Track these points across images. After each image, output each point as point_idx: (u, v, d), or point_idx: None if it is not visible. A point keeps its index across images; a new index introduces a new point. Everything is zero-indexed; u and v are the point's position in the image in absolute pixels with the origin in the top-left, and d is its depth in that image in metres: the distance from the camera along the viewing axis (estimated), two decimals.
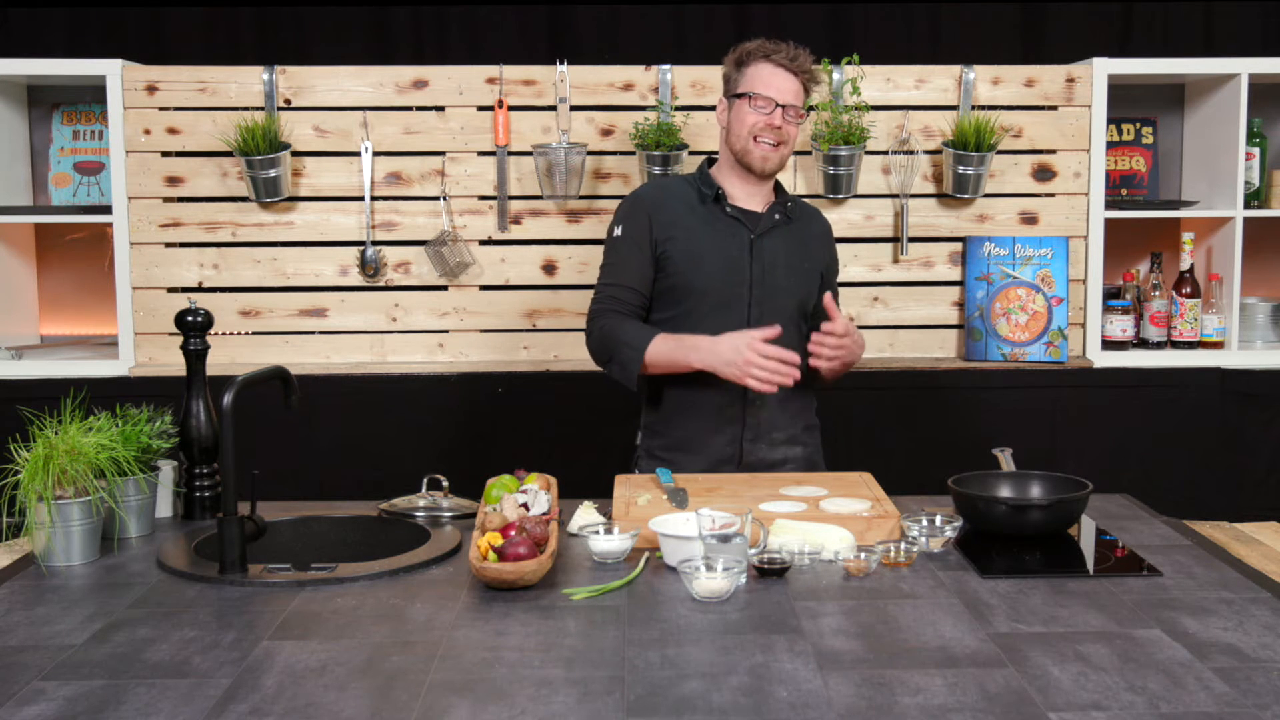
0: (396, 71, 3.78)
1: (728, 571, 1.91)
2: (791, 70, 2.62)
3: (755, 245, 2.66)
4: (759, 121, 2.61)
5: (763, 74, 2.62)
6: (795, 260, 2.70)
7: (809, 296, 2.73)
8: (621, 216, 2.72)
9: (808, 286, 2.73)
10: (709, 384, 2.64)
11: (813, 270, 2.74)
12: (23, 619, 1.87)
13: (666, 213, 2.69)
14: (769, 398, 2.65)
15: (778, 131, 2.62)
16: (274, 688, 1.59)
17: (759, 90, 2.61)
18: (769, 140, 2.62)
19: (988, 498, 2.29)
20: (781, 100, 2.61)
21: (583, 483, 2.58)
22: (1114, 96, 3.88)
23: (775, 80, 2.62)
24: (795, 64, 2.63)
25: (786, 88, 2.62)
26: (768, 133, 2.61)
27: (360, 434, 3.69)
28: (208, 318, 2.46)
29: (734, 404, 2.66)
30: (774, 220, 2.70)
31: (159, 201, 3.75)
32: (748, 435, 2.68)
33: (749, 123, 2.62)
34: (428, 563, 2.10)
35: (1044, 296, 3.76)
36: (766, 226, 2.68)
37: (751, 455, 2.69)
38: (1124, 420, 3.77)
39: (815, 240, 2.78)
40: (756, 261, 2.66)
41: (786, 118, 2.62)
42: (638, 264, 2.67)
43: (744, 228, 2.67)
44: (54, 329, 4.10)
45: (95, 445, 2.18)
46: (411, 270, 3.80)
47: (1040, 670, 1.63)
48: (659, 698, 1.55)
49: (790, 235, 2.72)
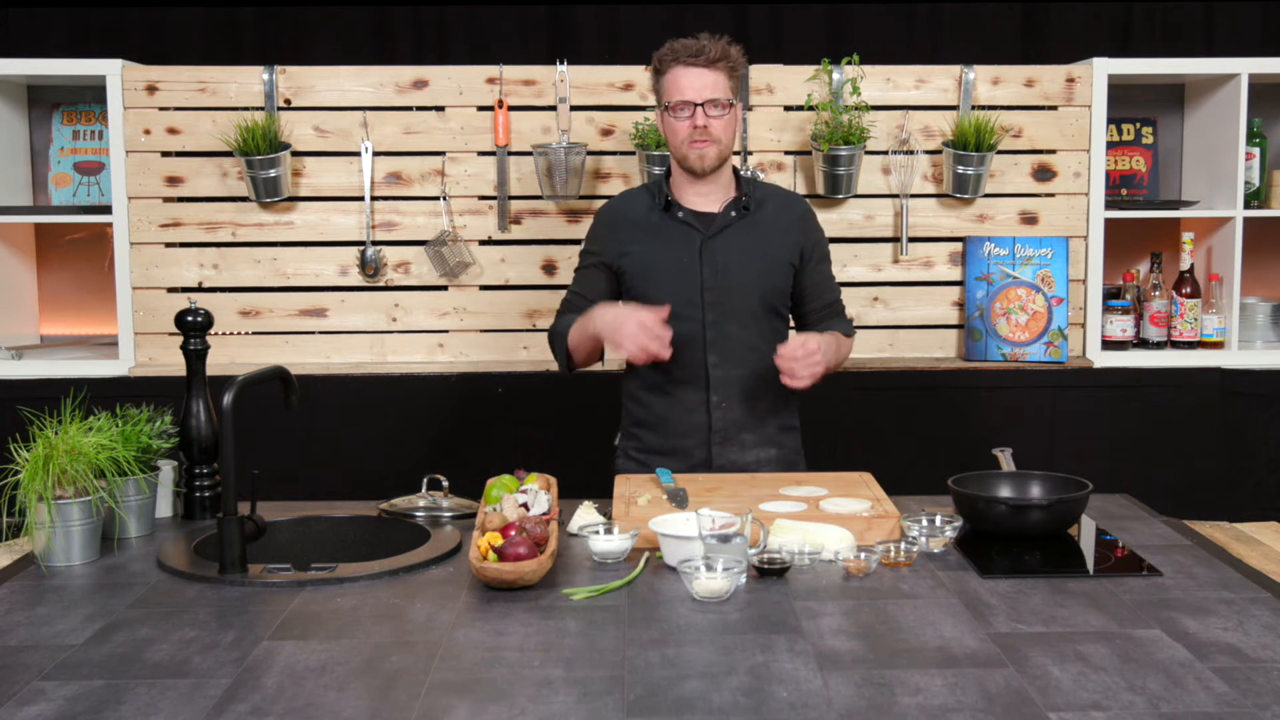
0: (396, 71, 3.78)
1: (728, 571, 1.91)
2: (702, 65, 2.58)
3: (706, 247, 2.66)
4: (684, 127, 2.60)
5: (676, 79, 2.60)
6: (754, 255, 2.67)
7: (775, 288, 2.70)
8: (589, 232, 2.79)
9: (772, 279, 2.69)
10: (675, 388, 2.66)
11: (779, 260, 2.70)
12: (23, 619, 1.87)
13: (623, 227, 2.72)
14: (734, 399, 2.67)
15: (704, 131, 2.59)
16: (274, 688, 1.59)
17: (674, 98, 2.59)
18: (699, 140, 2.60)
19: (988, 498, 2.29)
20: (699, 99, 2.58)
21: (583, 483, 2.58)
22: (1114, 96, 3.88)
23: (688, 81, 2.59)
24: (703, 57, 2.58)
25: (702, 85, 2.58)
26: (696, 134, 2.60)
27: (360, 434, 3.69)
28: (208, 318, 2.46)
29: (698, 408, 2.67)
30: (729, 218, 2.68)
31: (159, 201, 3.75)
32: (715, 439, 2.68)
33: (678, 131, 2.61)
34: (428, 563, 2.10)
35: (1044, 296, 3.76)
36: (720, 226, 2.68)
37: (722, 458, 2.69)
38: (1124, 420, 3.77)
39: (783, 229, 2.72)
40: (707, 265, 2.65)
41: (710, 114, 2.59)
42: (594, 278, 2.74)
43: (695, 231, 2.67)
44: (54, 329, 4.10)
45: (95, 445, 2.18)
46: (411, 270, 3.80)
47: (1040, 670, 1.63)
48: (659, 698, 1.55)
49: (749, 230, 2.69)
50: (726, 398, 2.67)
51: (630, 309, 2.51)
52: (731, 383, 2.67)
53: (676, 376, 2.67)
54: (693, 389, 2.67)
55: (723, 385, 2.67)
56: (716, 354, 2.66)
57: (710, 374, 2.66)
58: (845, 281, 3.82)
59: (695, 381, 2.67)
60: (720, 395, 2.67)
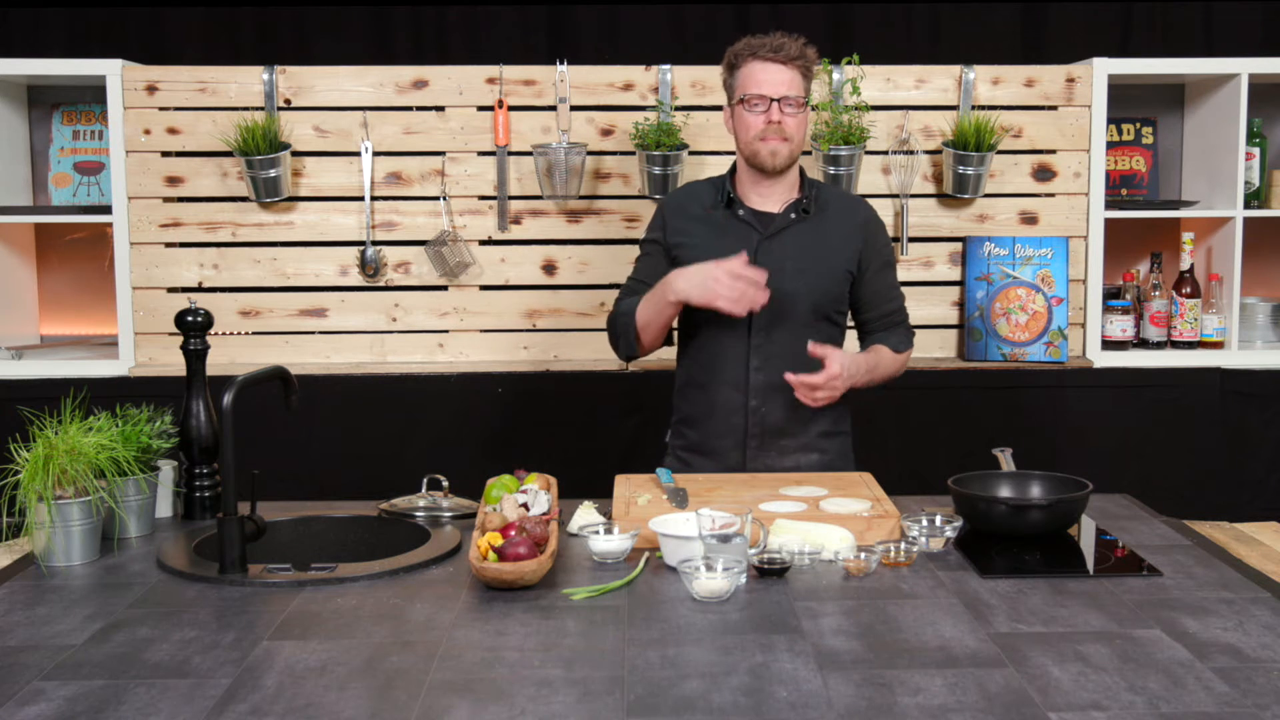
0: (396, 71, 3.78)
1: (728, 571, 1.91)
2: (780, 61, 2.58)
3: (762, 248, 2.64)
4: (758, 121, 2.59)
5: (753, 73, 2.60)
6: (810, 259, 2.65)
7: (829, 295, 2.67)
8: (650, 222, 2.80)
9: (826, 284, 2.66)
10: (716, 388, 2.64)
11: (835, 266, 2.68)
12: (23, 619, 1.87)
13: (682, 219, 2.71)
14: (774, 403, 2.64)
15: (779, 127, 2.59)
16: (274, 688, 1.59)
17: (750, 91, 2.59)
18: (774, 137, 2.60)
19: (988, 498, 2.29)
20: (775, 94, 2.58)
21: (583, 483, 2.58)
22: (1114, 96, 3.88)
23: (766, 75, 2.59)
24: (782, 54, 2.58)
25: (779, 80, 2.58)
26: (770, 129, 2.59)
27: (360, 434, 3.69)
28: (208, 318, 2.46)
29: (736, 411, 2.65)
30: (789, 220, 2.67)
31: (159, 201, 3.75)
32: (751, 442, 2.67)
33: (750, 126, 2.60)
34: (428, 563, 2.11)
35: (1044, 296, 3.76)
36: (779, 227, 2.66)
37: (757, 462, 2.67)
38: (1124, 420, 3.77)
39: (844, 233, 2.70)
40: (761, 265, 2.63)
41: (785, 110, 2.58)
42: (654, 265, 2.72)
43: (754, 230, 2.66)
44: (54, 329, 4.10)
45: (95, 445, 2.18)
46: (411, 270, 3.80)
47: (1040, 670, 1.63)
48: (659, 698, 1.55)
49: (808, 233, 2.67)
50: (766, 401, 2.64)
51: (711, 263, 2.48)
52: (774, 388, 2.62)
53: (719, 376, 2.65)
54: (732, 390, 2.64)
55: (763, 389, 2.64)
56: (760, 357, 2.63)
57: (751, 377, 2.64)
58: None
59: (736, 383, 2.64)
60: (759, 399, 2.64)
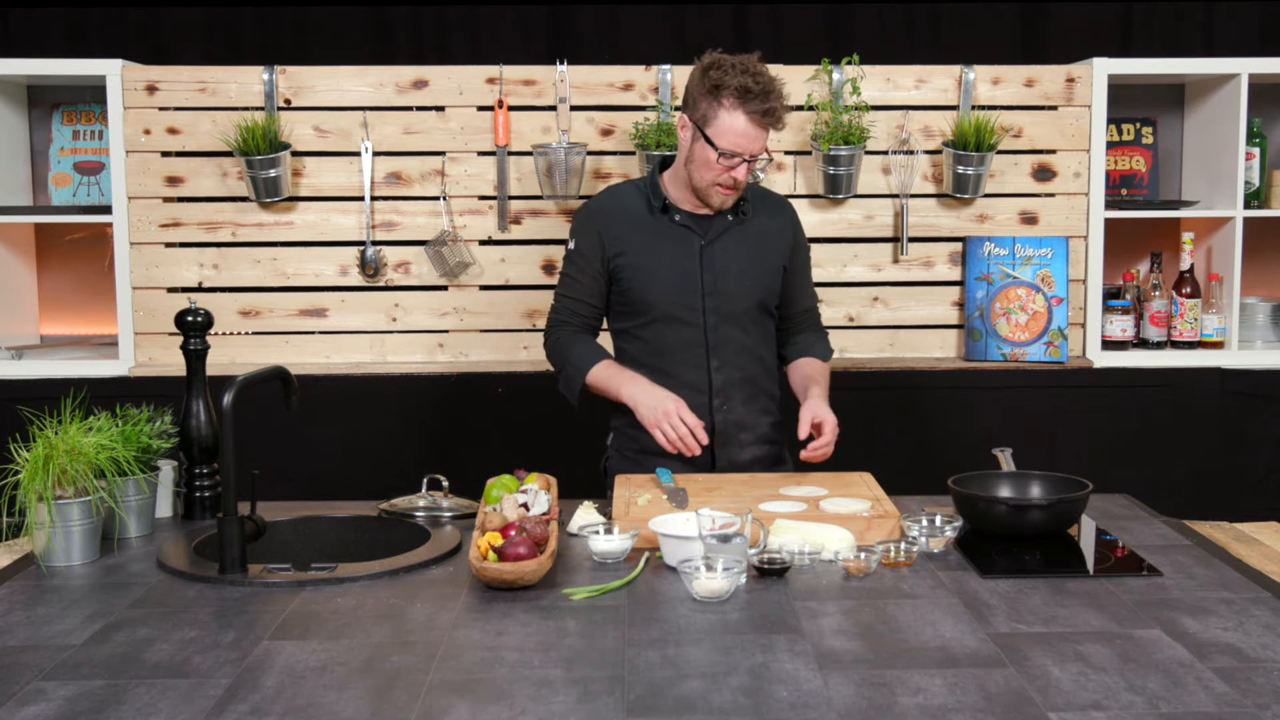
0: (396, 71, 3.78)
1: (728, 571, 1.91)
2: (764, 125, 2.54)
3: (705, 253, 2.66)
4: (722, 174, 2.57)
5: (736, 127, 2.52)
6: (750, 261, 2.69)
7: (769, 290, 2.72)
8: (575, 229, 2.74)
9: (766, 283, 2.72)
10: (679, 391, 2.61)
11: (773, 263, 2.73)
12: (23, 619, 1.87)
13: (617, 226, 2.69)
14: (734, 400, 2.69)
15: (739, 182, 2.58)
16: (274, 688, 1.59)
17: (727, 146, 2.53)
18: (730, 189, 2.59)
19: (988, 498, 2.29)
20: (749, 154, 2.55)
21: (583, 483, 2.58)
22: (1114, 96, 3.88)
23: (749, 134, 2.53)
24: (768, 118, 2.53)
25: (757, 140, 2.55)
26: (730, 183, 2.58)
27: (360, 434, 3.69)
28: (208, 318, 2.46)
29: (701, 411, 2.64)
30: (726, 223, 2.68)
31: (159, 201, 3.75)
32: (718, 440, 2.68)
33: (713, 171, 2.57)
34: (428, 563, 2.11)
35: (1044, 296, 3.76)
36: (718, 231, 2.67)
37: (723, 459, 2.69)
38: (1124, 420, 3.77)
39: (776, 230, 2.74)
40: (708, 270, 2.65)
41: (749, 167, 2.58)
42: (589, 279, 2.71)
43: (694, 235, 2.67)
44: (54, 329, 4.09)
45: (95, 445, 2.18)
46: (411, 270, 3.80)
47: (1040, 670, 1.63)
48: (659, 698, 1.55)
49: (744, 235, 2.69)
50: (727, 399, 2.69)
51: (673, 396, 2.54)
52: (731, 385, 2.69)
53: (679, 380, 2.66)
54: (695, 392, 2.66)
55: (724, 388, 2.68)
56: (718, 358, 2.67)
57: (712, 377, 2.67)
58: (845, 281, 3.82)
59: (698, 385, 2.67)
60: (721, 398, 2.68)
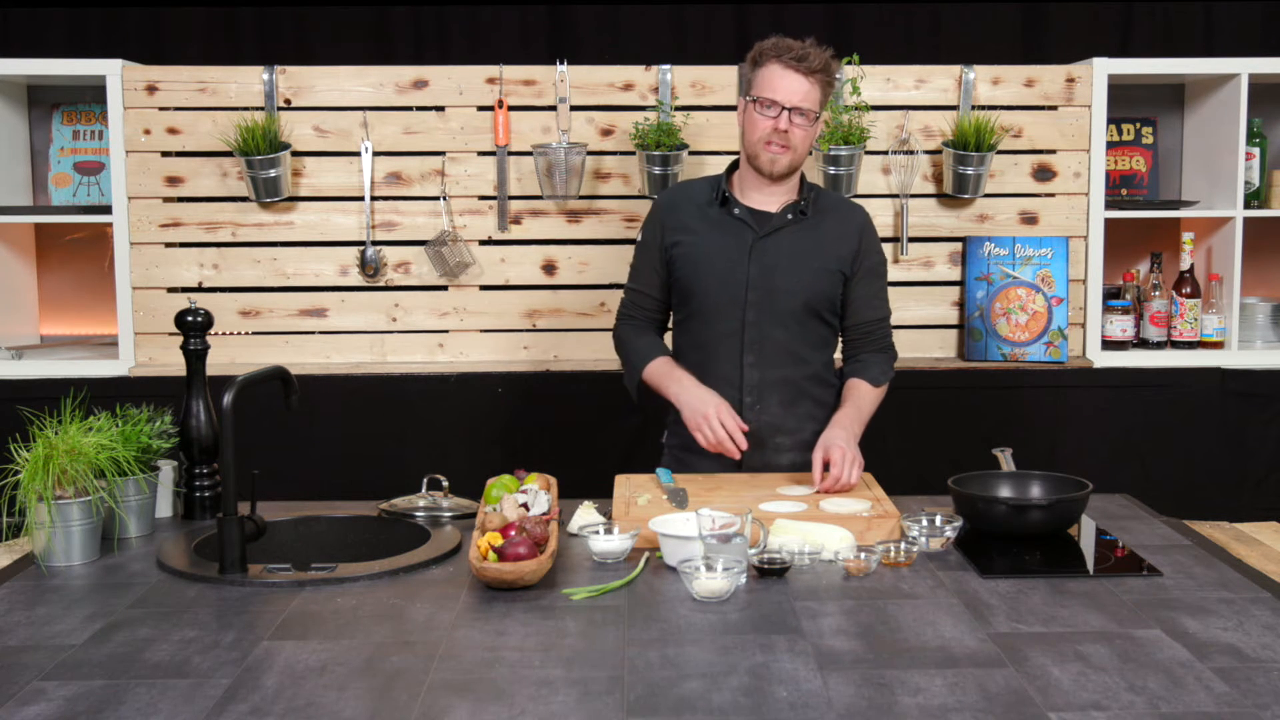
0: (396, 71, 3.78)
1: (728, 571, 1.91)
2: (800, 71, 2.55)
3: (756, 246, 2.64)
4: (766, 125, 2.57)
5: (771, 76, 2.57)
6: (804, 259, 2.65)
7: (821, 293, 2.66)
8: (645, 220, 2.79)
9: (820, 285, 2.66)
10: (708, 383, 2.63)
11: (829, 268, 2.67)
12: (23, 619, 1.87)
13: (678, 216, 2.71)
14: (770, 401, 2.65)
15: (784, 135, 2.57)
16: (274, 688, 1.59)
17: (765, 94, 2.57)
18: (777, 143, 2.59)
19: (988, 498, 2.29)
20: (788, 103, 2.55)
21: (583, 483, 2.58)
22: (1114, 96, 3.88)
23: (783, 82, 2.56)
24: (804, 64, 2.55)
25: (795, 89, 2.56)
26: (774, 136, 2.58)
27: (360, 434, 3.69)
28: (208, 318, 2.46)
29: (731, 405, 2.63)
30: (785, 220, 2.66)
31: (159, 201, 3.75)
32: (750, 440, 2.65)
33: (757, 127, 2.58)
34: (428, 563, 2.11)
35: (1044, 296, 3.76)
36: (775, 226, 2.65)
37: (755, 460, 2.66)
38: (1124, 420, 3.77)
39: (840, 234, 2.69)
40: (755, 263, 2.63)
41: (794, 121, 2.56)
42: (651, 270, 2.75)
43: (749, 229, 2.66)
44: (54, 329, 4.09)
45: (95, 445, 2.18)
46: (411, 270, 3.80)
47: (1040, 670, 1.63)
48: (659, 698, 1.55)
49: (803, 234, 2.66)
50: (762, 399, 2.65)
51: (718, 399, 2.55)
52: (768, 385, 2.64)
53: (713, 374, 2.65)
54: (727, 387, 2.63)
55: (758, 386, 2.64)
56: (754, 354, 2.64)
57: (745, 374, 2.64)
58: None
59: (730, 380, 2.64)
60: (754, 396, 2.64)
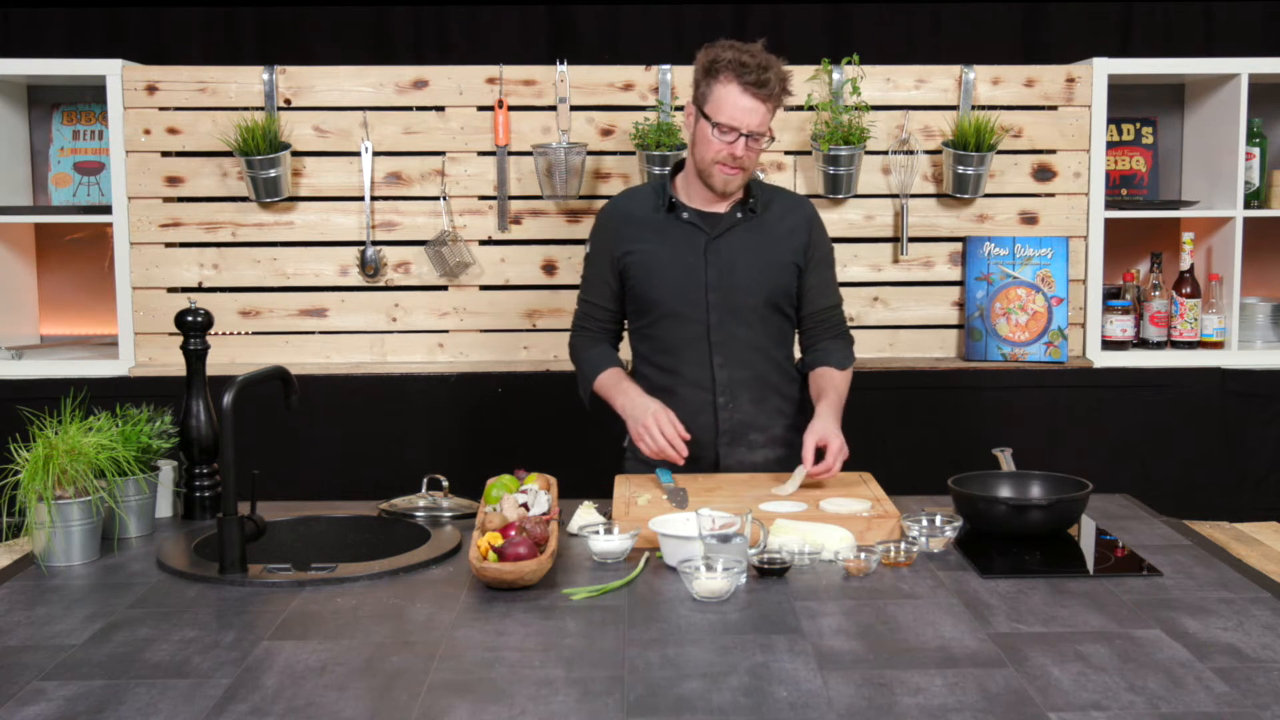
0: (396, 71, 3.78)
1: (728, 571, 1.91)
2: (759, 96, 2.52)
3: (710, 248, 2.65)
4: (721, 150, 2.56)
5: (729, 98, 2.53)
6: (758, 256, 2.66)
7: (781, 289, 2.69)
8: (593, 230, 2.79)
9: (777, 279, 2.68)
10: (682, 389, 2.65)
11: (784, 261, 2.69)
12: (23, 619, 1.87)
13: (628, 226, 2.71)
14: (741, 399, 2.67)
15: (739, 160, 2.57)
16: (274, 688, 1.59)
17: (723, 119, 2.53)
18: (731, 166, 2.58)
19: (988, 498, 2.29)
20: (746, 129, 2.54)
21: (583, 483, 2.58)
22: (1114, 96, 3.88)
23: (741, 107, 2.52)
24: (764, 89, 2.52)
25: (753, 112, 2.53)
26: (729, 160, 2.57)
27: (360, 434, 3.69)
28: (208, 318, 2.46)
29: (705, 409, 2.66)
30: (735, 219, 2.67)
31: (159, 201, 3.75)
32: (723, 440, 2.68)
33: (711, 147, 2.57)
34: (428, 563, 2.11)
35: (1044, 296, 3.76)
36: (726, 226, 2.66)
37: (730, 459, 2.68)
38: (1124, 420, 3.77)
39: (790, 227, 2.71)
40: (712, 266, 2.64)
41: (749, 145, 2.56)
42: (602, 281, 2.74)
43: (700, 232, 2.66)
44: (54, 329, 4.09)
45: (95, 445, 2.18)
46: (411, 270, 3.80)
47: (1040, 670, 1.63)
48: (659, 698, 1.55)
49: (755, 231, 2.68)
50: (733, 398, 2.67)
51: (662, 408, 2.55)
52: (738, 383, 2.67)
53: (684, 378, 2.67)
54: (699, 390, 2.66)
55: (729, 386, 2.66)
56: (722, 355, 2.66)
57: (716, 375, 2.66)
58: (845, 282, 3.81)
59: (701, 383, 2.66)
60: (727, 396, 2.67)
